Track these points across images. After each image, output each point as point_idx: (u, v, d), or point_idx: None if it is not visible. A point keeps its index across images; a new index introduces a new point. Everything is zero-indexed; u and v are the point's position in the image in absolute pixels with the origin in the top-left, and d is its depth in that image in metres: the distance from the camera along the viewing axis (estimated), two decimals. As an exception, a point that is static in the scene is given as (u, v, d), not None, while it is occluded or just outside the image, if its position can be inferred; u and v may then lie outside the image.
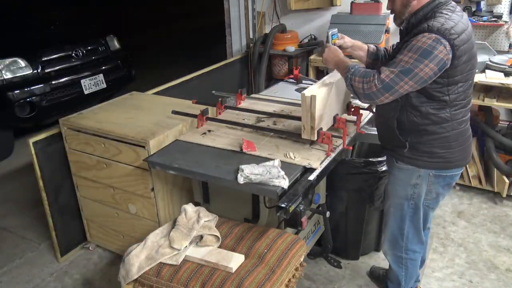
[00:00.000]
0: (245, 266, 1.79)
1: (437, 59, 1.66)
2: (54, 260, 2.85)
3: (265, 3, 4.35)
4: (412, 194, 1.98)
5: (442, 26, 1.68)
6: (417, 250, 2.15)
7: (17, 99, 4.07)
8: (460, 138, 1.88)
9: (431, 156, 1.88)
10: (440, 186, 1.97)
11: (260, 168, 1.83)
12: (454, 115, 1.83)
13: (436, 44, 1.66)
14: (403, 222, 2.06)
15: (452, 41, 1.67)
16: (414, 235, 2.09)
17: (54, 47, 4.50)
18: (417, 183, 1.95)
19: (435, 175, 1.92)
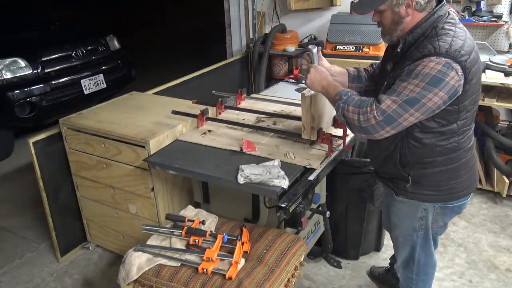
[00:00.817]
0: (245, 266, 1.79)
1: (448, 87, 1.46)
2: (54, 260, 2.85)
3: (265, 3, 4.35)
4: (420, 226, 1.84)
5: (451, 48, 1.47)
6: (429, 272, 2.04)
7: (17, 99, 4.07)
8: (468, 166, 1.72)
9: (437, 189, 1.72)
10: (447, 216, 1.84)
11: (260, 168, 1.83)
12: (461, 144, 1.66)
13: (447, 70, 1.46)
14: (414, 250, 1.94)
15: (464, 64, 1.47)
16: (426, 260, 1.98)
17: (54, 47, 4.50)
18: (423, 215, 1.80)
19: (441, 207, 1.78)
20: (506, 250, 2.79)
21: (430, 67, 1.47)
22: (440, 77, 1.46)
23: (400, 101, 1.50)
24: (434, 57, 1.48)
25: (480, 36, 3.47)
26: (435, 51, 1.49)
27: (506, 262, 2.69)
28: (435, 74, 1.46)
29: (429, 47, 1.51)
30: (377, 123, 1.53)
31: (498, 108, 3.32)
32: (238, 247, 1.80)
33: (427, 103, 1.48)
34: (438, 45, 1.49)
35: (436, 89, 1.47)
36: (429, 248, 1.94)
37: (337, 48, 3.60)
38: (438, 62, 1.47)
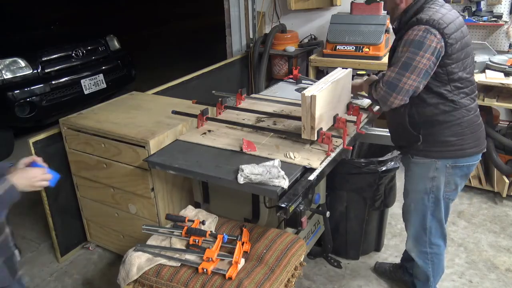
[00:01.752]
0: (245, 266, 1.79)
1: (431, 49, 1.72)
2: (54, 260, 2.85)
3: (265, 3, 4.35)
4: (431, 188, 1.99)
5: (430, 18, 1.74)
6: (441, 244, 2.16)
7: (17, 99, 4.07)
8: (471, 125, 1.90)
9: (445, 145, 1.90)
10: (457, 177, 1.98)
11: (260, 168, 1.83)
12: (461, 103, 1.86)
13: (426, 34, 1.72)
14: (425, 217, 2.07)
15: (441, 30, 1.73)
16: (437, 228, 2.10)
17: (54, 47, 4.50)
18: (435, 175, 1.96)
19: (452, 166, 1.94)
20: (506, 250, 2.79)
21: (413, 34, 1.75)
22: (421, 41, 1.73)
23: (396, 69, 1.78)
24: (416, 26, 1.77)
25: (480, 36, 3.47)
26: (417, 21, 1.77)
27: (506, 262, 2.69)
28: (417, 39, 1.74)
29: (413, 20, 1.80)
30: (384, 92, 1.81)
31: (498, 108, 3.32)
32: (238, 247, 1.80)
33: (417, 65, 1.74)
34: (420, 17, 1.77)
35: (421, 52, 1.73)
36: (440, 214, 2.06)
37: (337, 48, 3.60)
38: (418, 29, 1.75)
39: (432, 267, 2.19)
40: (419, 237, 2.14)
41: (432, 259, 2.17)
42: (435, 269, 2.20)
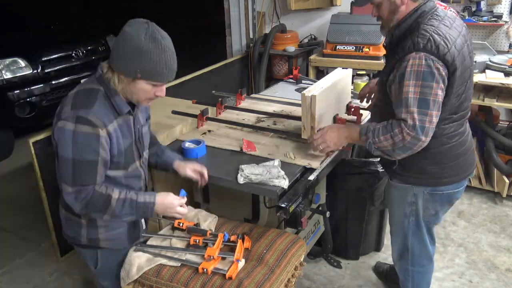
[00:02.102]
0: (245, 267, 1.79)
1: (441, 77, 1.58)
2: (54, 260, 2.85)
3: (265, 3, 4.35)
4: (410, 211, 1.91)
5: (428, 43, 1.57)
6: (425, 264, 2.07)
7: (17, 99, 4.08)
8: (452, 153, 1.77)
9: (420, 173, 1.80)
10: (437, 204, 1.88)
11: (260, 168, 1.83)
12: (442, 130, 1.72)
13: (429, 62, 1.56)
14: (407, 238, 2.00)
15: (442, 57, 1.57)
16: (420, 250, 2.01)
17: (54, 47, 4.50)
18: (413, 201, 1.87)
19: (430, 193, 1.84)
20: (506, 250, 2.79)
21: (416, 65, 1.57)
22: (429, 71, 1.56)
23: (416, 109, 1.58)
24: (413, 53, 1.58)
25: (480, 36, 3.47)
26: (414, 47, 1.58)
27: (506, 262, 2.69)
28: (424, 70, 1.56)
29: (409, 43, 1.60)
30: (412, 138, 1.61)
31: (498, 108, 3.32)
32: (239, 244, 1.80)
33: (434, 98, 1.58)
34: (416, 41, 1.59)
35: (434, 83, 1.57)
36: (422, 237, 1.97)
37: (337, 48, 3.60)
38: (419, 58, 1.57)
39: (412, 283, 2.12)
40: (402, 255, 2.07)
41: (412, 275, 2.10)
42: (415, 284, 2.12)
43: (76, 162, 1.48)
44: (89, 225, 1.68)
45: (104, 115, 1.51)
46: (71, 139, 1.46)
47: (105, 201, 1.55)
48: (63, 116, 1.48)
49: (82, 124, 1.46)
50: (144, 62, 1.46)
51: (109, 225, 1.69)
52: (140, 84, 1.51)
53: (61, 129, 1.48)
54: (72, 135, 1.46)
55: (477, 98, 3.04)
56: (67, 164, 1.48)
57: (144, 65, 1.46)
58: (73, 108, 1.48)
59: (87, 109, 1.47)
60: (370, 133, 1.70)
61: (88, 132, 1.46)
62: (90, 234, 1.70)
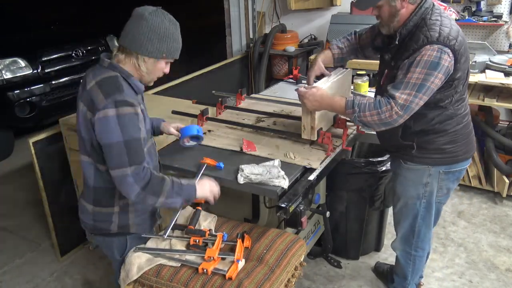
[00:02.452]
0: (245, 267, 1.79)
1: (444, 68, 1.70)
2: (54, 260, 2.85)
3: (265, 3, 4.35)
4: (424, 193, 1.99)
5: (440, 36, 1.70)
6: (426, 248, 2.18)
7: (17, 99, 4.08)
8: (465, 131, 1.92)
9: (439, 152, 1.90)
10: (450, 182, 1.99)
11: (260, 168, 1.83)
12: (457, 110, 1.86)
13: (441, 54, 1.68)
14: (415, 221, 2.08)
15: (453, 47, 1.70)
16: (425, 233, 2.11)
17: (54, 47, 4.50)
18: (428, 181, 1.96)
19: (445, 172, 1.94)
20: (506, 250, 2.79)
21: (427, 55, 1.70)
22: (436, 62, 1.69)
23: (414, 92, 1.71)
24: (428, 45, 1.71)
25: (480, 36, 3.47)
26: (428, 40, 1.71)
27: (506, 262, 2.69)
28: (432, 60, 1.69)
29: (422, 37, 1.73)
30: (399, 116, 1.74)
31: (498, 108, 3.32)
32: (238, 244, 1.80)
33: (430, 85, 1.71)
34: (429, 34, 1.72)
35: (436, 72, 1.69)
36: (429, 220, 2.07)
37: (337, 48, 3.60)
38: (432, 49, 1.69)
39: (412, 267, 2.22)
40: (407, 239, 2.16)
41: (414, 260, 2.20)
42: (415, 269, 2.23)
43: (127, 142, 1.55)
44: (121, 211, 1.75)
45: (133, 96, 1.62)
46: (117, 123, 1.54)
47: (160, 182, 1.63)
48: (99, 106, 1.54)
49: (122, 106, 1.55)
50: (170, 44, 1.63)
51: (139, 209, 1.78)
52: (161, 63, 1.67)
53: (103, 118, 1.54)
54: (117, 119, 1.54)
55: (477, 98, 3.04)
56: (119, 148, 1.55)
57: (170, 46, 1.64)
58: (107, 96, 1.55)
59: (121, 93, 1.56)
60: (356, 107, 1.80)
61: (130, 112, 1.56)
62: (121, 221, 1.77)
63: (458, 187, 3.40)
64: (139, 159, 1.58)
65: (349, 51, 2.23)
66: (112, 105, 1.54)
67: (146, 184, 1.59)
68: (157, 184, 1.62)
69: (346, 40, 2.23)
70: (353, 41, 2.22)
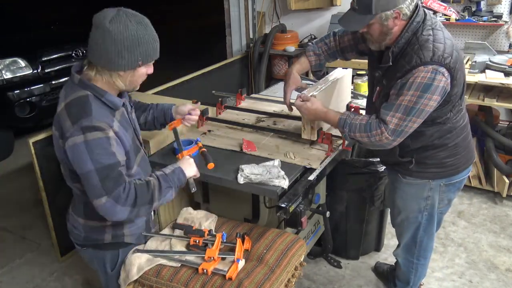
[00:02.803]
0: (245, 267, 1.79)
1: (438, 89, 1.61)
2: (54, 260, 2.85)
3: (265, 3, 4.35)
4: (425, 206, 1.96)
5: (434, 55, 1.60)
6: (428, 256, 2.17)
7: (17, 99, 4.08)
8: (464, 143, 1.87)
9: (439, 166, 1.86)
10: (451, 193, 1.97)
11: (260, 168, 1.83)
12: (456, 123, 1.81)
13: (435, 75, 1.60)
14: (417, 232, 2.06)
15: (448, 65, 1.61)
16: (427, 242, 2.10)
17: (54, 47, 4.50)
18: (429, 195, 1.93)
19: (446, 184, 1.91)
20: (506, 250, 2.79)
21: (420, 77, 1.61)
22: (430, 83, 1.60)
23: (405, 116, 1.64)
24: (421, 67, 1.61)
25: (480, 36, 3.47)
26: (422, 61, 1.61)
27: (506, 262, 2.69)
28: (426, 82, 1.60)
29: (415, 58, 1.62)
30: (389, 141, 1.70)
31: (498, 108, 3.32)
32: (238, 243, 1.80)
33: (424, 108, 1.63)
34: (423, 55, 1.61)
35: (429, 94, 1.61)
36: (432, 230, 2.06)
37: (337, 48, 3.59)
38: (426, 71, 1.60)
39: (414, 274, 2.22)
40: (409, 249, 2.15)
41: (416, 268, 2.19)
42: (417, 276, 2.23)
43: (99, 170, 1.44)
44: (115, 222, 1.65)
45: (105, 117, 1.49)
46: (85, 150, 1.43)
47: (147, 189, 1.54)
48: (68, 134, 1.45)
49: (90, 132, 1.44)
50: (143, 49, 1.48)
51: (133, 220, 1.71)
52: (140, 70, 1.54)
53: (72, 147, 1.45)
54: (85, 146, 1.43)
55: (477, 98, 3.03)
56: (92, 177, 1.45)
57: (143, 51, 1.49)
58: (74, 122, 1.45)
59: (88, 117, 1.45)
60: (347, 128, 1.77)
61: (99, 137, 1.45)
62: (115, 230, 1.71)
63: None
64: (116, 183, 1.47)
65: (327, 55, 2.11)
66: (79, 132, 1.43)
67: (134, 200, 1.50)
68: (145, 193, 1.53)
69: (324, 44, 2.10)
70: (332, 44, 2.09)
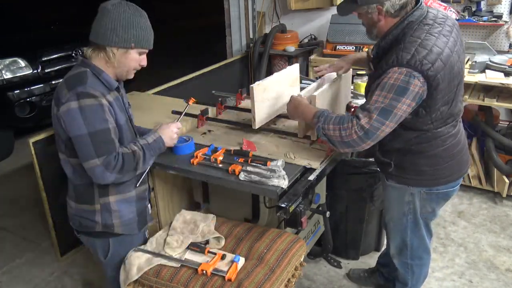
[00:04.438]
0: (245, 266, 1.79)
1: (413, 94, 1.57)
2: (54, 260, 2.85)
3: (265, 3, 4.35)
4: (408, 210, 1.94)
5: (412, 58, 1.55)
6: (424, 257, 2.12)
7: (17, 99, 4.08)
8: (447, 154, 1.79)
9: (418, 174, 1.82)
10: (434, 202, 1.91)
11: (260, 168, 1.83)
12: (437, 133, 1.74)
13: (409, 79, 1.55)
14: (405, 235, 2.03)
15: (425, 72, 1.55)
16: (418, 244, 2.05)
17: (54, 47, 4.50)
18: (410, 200, 1.90)
19: (426, 192, 1.87)
20: (506, 250, 2.79)
21: (394, 78, 1.57)
22: (404, 87, 1.56)
23: (375, 116, 1.60)
24: (396, 67, 1.58)
25: (480, 36, 3.47)
26: (397, 62, 1.57)
27: (506, 262, 2.69)
28: (399, 84, 1.56)
29: (393, 57, 1.59)
30: (358, 138, 1.64)
31: (498, 108, 3.32)
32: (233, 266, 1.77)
33: (398, 112, 1.59)
34: (400, 55, 1.58)
35: (403, 98, 1.57)
36: (420, 232, 2.01)
37: (337, 48, 3.60)
38: (400, 72, 1.56)
39: (412, 275, 2.17)
40: (401, 251, 2.11)
41: (412, 268, 2.14)
42: (415, 277, 2.18)
43: (92, 134, 1.57)
44: (103, 210, 1.76)
45: (100, 87, 1.62)
46: (80, 115, 1.55)
47: (133, 157, 1.67)
48: (63, 100, 1.57)
49: (84, 98, 1.56)
50: (137, 32, 1.62)
51: (122, 209, 1.79)
52: (132, 54, 1.66)
53: (66, 112, 1.56)
54: (80, 111, 1.55)
55: (477, 98, 3.03)
56: (85, 140, 1.57)
57: (137, 34, 1.62)
58: (70, 89, 1.57)
59: (84, 85, 1.57)
60: (322, 118, 1.73)
61: (92, 104, 1.57)
62: (104, 220, 1.77)
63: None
64: (108, 149, 1.60)
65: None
66: (74, 97, 1.55)
67: (121, 168, 1.63)
68: (131, 161, 1.66)
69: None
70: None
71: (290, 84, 2.36)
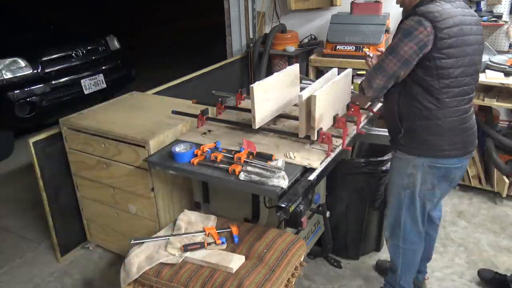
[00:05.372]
0: (245, 266, 1.79)
1: (416, 39, 1.73)
2: (54, 260, 2.85)
3: (265, 3, 4.35)
4: (408, 183, 1.99)
5: (426, 9, 1.75)
6: (415, 241, 2.14)
7: (17, 99, 4.07)
8: (454, 128, 1.87)
9: (423, 143, 1.90)
10: (435, 178, 1.96)
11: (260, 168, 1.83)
12: (446, 102, 1.83)
13: (416, 25, 1.73)
14: (400, 211, 2.07)
15: (434, 23, 1.72)
16: (411, 226, 2.09)
17: (54, 47, 4.50)
18: (412, 172, 1.96)
19: (429, 165, 1.93)
20: (506, 250, 2.79)
21: (406, 24, 1.78)
22: (410, 30, 1.75)
23: (387, 54, 1.82)
24: (411, 16, 1.78)
25: (480, 36, 3.47)
26: (414, 13, 1.78)
27: (506, 262, 2.69)
28: (407, 28, 1.76)
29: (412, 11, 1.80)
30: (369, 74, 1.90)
31: (498, 108, 3.32)
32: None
33: (400, 51, 1.77)
34: (419, 9, 1.78)
35: (406, 40, 1.75)
36: (415, 212, 2.06)
37: (337, 48, 3.60)
38: (412, 19, 1.76)
39: (402, 260, 2.19)
40: (393, 230, 2.16)
41: (404, 253, 2.17)
42: (405, 263, 2.20)
43: None
44: None
45: None
46: None
47: None
48: None
49: None
50: None
51: None
52: None
53: None
54: None
55: (477, 98, 3.03)
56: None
57: None
58: None
59: None
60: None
61: None
62: None
63: (458, 187, 3.40)
64: None
65: None
66: None
67: None
68: None
69: None
70: None
71: (290, 84, 2.36)
